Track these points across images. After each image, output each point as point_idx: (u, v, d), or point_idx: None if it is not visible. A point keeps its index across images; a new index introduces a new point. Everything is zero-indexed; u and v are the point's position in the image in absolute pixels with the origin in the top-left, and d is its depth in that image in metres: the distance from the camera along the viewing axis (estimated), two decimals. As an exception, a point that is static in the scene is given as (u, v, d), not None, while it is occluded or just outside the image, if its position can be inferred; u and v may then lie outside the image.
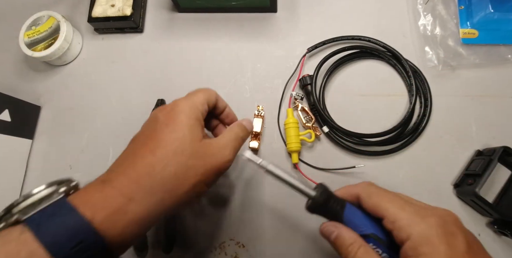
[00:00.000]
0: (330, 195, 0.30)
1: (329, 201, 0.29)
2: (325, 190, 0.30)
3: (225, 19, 0.52)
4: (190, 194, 0.28)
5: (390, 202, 0.27)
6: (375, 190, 0.29)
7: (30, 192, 0.25)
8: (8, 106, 0.47)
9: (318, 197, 0.29)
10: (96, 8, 0.52)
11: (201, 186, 0.29)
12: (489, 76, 0.45)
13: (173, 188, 0.27)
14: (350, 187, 0.31)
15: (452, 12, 0.47)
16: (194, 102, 0.32)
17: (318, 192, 0.29)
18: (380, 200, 0.28)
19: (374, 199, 0.28)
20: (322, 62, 0.47)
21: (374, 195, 0.29)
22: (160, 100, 0.49)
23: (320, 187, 0.30)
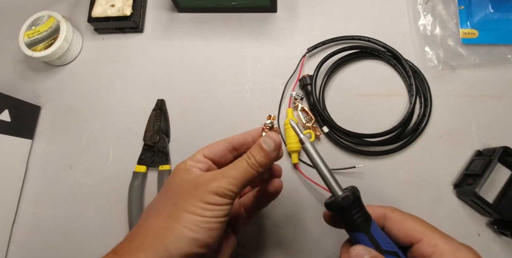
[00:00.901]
0: (359, 202, 0.28)
1: (353, 208, 0.27)
2: (355, 195, 0.28)
3: (225, 19, 0.52)
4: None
5: (426, 226, 0.27)
6: (407, 214, 0.29)
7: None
8: (8, 106, 0.47)
9: (345, 198, 0.27)
10: (96, 8, 0.52)
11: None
12: (489, 76, 0.45)
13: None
14: (374, 207, 0.30)
15: (452, 12, 0.47)
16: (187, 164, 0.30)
17: (347, 193, 0.28)
18: (415, 223, 0.28)
19: (409, 222, 0.28)
20: (322, 62, 0.47)
21: (408, 218, 0.28)
22: (160, 100, 0.49)
23: (351, 190, 0.28)
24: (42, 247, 0.46)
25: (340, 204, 0.27)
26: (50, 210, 0.48)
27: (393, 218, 0.28)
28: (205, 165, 0.31)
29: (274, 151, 0.29)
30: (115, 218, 0.46)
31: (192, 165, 0.30)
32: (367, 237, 0.27)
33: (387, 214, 0.29)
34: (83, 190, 0.48)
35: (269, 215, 0.43)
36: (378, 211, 0.29)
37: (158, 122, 0.48)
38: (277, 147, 0.29)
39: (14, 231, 0.47)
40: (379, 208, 0.29)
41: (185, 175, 0.29)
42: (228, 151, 0.32)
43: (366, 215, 0.28)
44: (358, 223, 0.27)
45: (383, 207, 0.29)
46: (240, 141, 0.32)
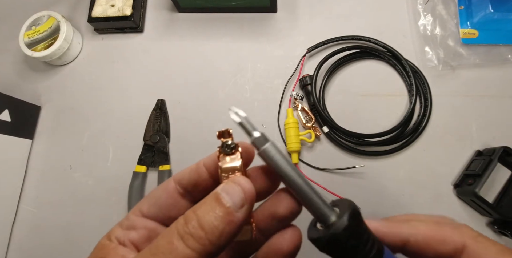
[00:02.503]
0: (362, 227, 0.18)
1: (355, 236, 0.17)
2: (355, 217, 0.18)
3: (225, 19, 0.52)
4: None
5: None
6: (490, 248, 0.17)
7: None
8: (8, 106, 0.47)
9: (341, 228, 0.17)
10: (96, 8, 0.52)
11: None
12: (489, 76, 0.45)
13: None
14: (444, 228, 0.18)
15: (452, 12, 0.47)
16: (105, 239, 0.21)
17: (342, 216, 0.17)
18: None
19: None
20: (322, 62, 0.47)
21: (491, 256, 0.17)
22: (160, 100, 0.49)
23: (348, 207, 0.18)
24: (42, 247, 0.46)
25: (338, 237, 0.17)
26: (50, 210, 0.48)
27: (479, 255, 0.17)
28: (143, 232, 0.20)
29: (241, 207, 0.17)
30: (115, 218, 0.46)
31: (117, 239, 0.20)
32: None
33: (469, 246, 0.17)
34: (83, 190, 0.48)
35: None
36: (452, 237, 0.17)
37: (158, 122, 0.48)
38: (248, 201, 0.17)
39: (14, 231, 0.47)
40: (453, 232, 0.18)
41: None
42: (179, 196, 0.20)
43: (375, 243, 0.18)
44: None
45: (461, 231, 0.18)
46: (191, 178, 0.20)
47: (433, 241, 0.17)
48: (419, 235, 0.18)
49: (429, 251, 0.17)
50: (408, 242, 0.18)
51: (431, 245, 0.17)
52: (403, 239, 0.18)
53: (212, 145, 0.47)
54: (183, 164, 0.47)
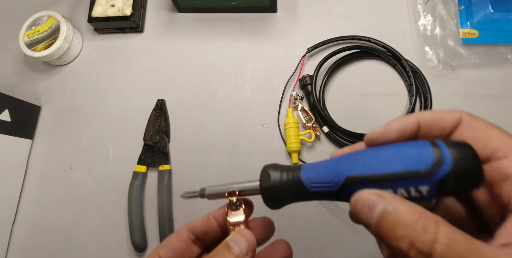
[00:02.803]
0: (275, 173, 0.22)
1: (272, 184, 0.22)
2: (274, 167, 0.22)
3: (225, 19, 0.52)
4: None
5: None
6: (490, 123, 0.20)
7: None
8: (8, 106, 0.47)
9: (268, 177, 0.22)
10: (96, 8, 0.52)
11: None
12: (489, 76, 0.45)
13: None
14: (444, 111, 0.21)
15: (452, 12, 0.47)
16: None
17: (267, 174, 0.22)
18: (502, 135, 0.19)
19: (494, 132, 0.19)
20: (322, 62, 0.47)
21: (492, 127, 0.20)
22: (160, 100, 0.49)
23: (267, 168, 0.22)
24: (42, 247, 0.46)
25: (266, 192, 0.22)
26: (50, 210, 0.48)
27: (473, 125, 0.20)
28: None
29: (246, 255, 0.21)
30: (115, 218, 0.46)
31: None
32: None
33: (465, 119, 0.20)
34: (83, 190, 0.48)
35: (268, 214, 0.43)
36: (450, 115, 0.20)
37: (158, 122, 0.48)
38: (251, 249, 0.22)
39: (14, 231, 0.47)
40: (452, 111, 0.21)
41: None
42: (192, 243, 0.25)
43: (294, 169, 0.22)
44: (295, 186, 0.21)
45: (458, 110, 0.21)
46: (202, 228, 0.25)
47: (436, 119, 0.20)
48: (426, 117, 0.20)
49: (435, 128, 0.20)
50: (419, 125, 0.20)
51: (436, 123, 0.20)
52: (415, 124, 0.20)
53: (211, 145, 0.47)
54: (183, 164, 0.47)
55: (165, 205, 0.44)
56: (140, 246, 0.43)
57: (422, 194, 0.17)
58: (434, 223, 0.15)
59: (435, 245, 0.14)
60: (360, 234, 0.41)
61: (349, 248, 0.41)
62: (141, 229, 0.44)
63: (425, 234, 0.15)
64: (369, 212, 0.17)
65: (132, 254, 0.44)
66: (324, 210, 0.42)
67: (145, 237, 0.44)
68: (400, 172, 0.17)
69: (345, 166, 0.19)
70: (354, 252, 0.41)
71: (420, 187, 0.17)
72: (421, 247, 0.14)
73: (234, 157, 0.46)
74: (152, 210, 0.45)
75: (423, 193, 0.17)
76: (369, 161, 0.19)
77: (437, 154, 0.17)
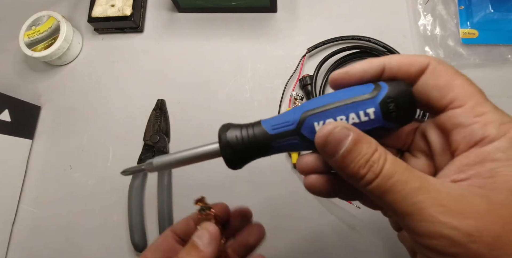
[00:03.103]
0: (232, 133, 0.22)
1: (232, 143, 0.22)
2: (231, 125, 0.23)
3: (225, 19, 0.52)
4: None
5: (477, 91, 0.20)
6: (457, 71, 0.21)
7: None
8: (8, 106, 0.47)
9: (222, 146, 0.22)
10: (96, 8, 0.52)
11: None
12: (489, 76, 0.45)
13: None
14: (413, 55, 0.21)
15: (452, 12, 0.47)
16: None
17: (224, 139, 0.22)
18: (465, 84, 0.20)
19: (458, 81, 0.20)
20: (322, 62, 0.47)
21: (458, 76, 0.20)
22: (160, 100, 0.49)
23: (222, 130, 0.23)
24: (42, 247, 0.46)
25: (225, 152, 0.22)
26: (50, 210, 0.48)
27: (439, 72, 0.20)
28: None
29: (209, 245, 0.23)
30: (115, 218, 0.46)
31: None
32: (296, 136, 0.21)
33: (432, 66, 0.20)
34: (83, 190, 0.48)
35: (268, 214, 0.43)
36: (417, 61, 0.20)
37: (158, 122, 0.48)
38: (214, 239, 0.23)
39: (14, 231, 0.47)
40: (421, 56, 0.21)
41: None
42: (176, 243, 0.27)
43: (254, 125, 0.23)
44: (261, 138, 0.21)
45: (427, 56, 0.21)
46: (183, 229, 0.27)
47: (403, 64, 0.20)
48: (392, 61, 0.21)
49: (399, 74, 0.21)
50: (384, 69, 0.21)
51: (401, 68, 0.20)
52: (380, 68, 0.21)
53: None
54: (183, 164, 0.47)
55: (165, 205, 0.44)
56: (140, 246, 0.43)
57: (369, 117, 0.19)
58: (384, 153, 0.18)
59: (384, 165, 0.17)
60: (360, 234, 0.41)
61: (349, 248, 0.41)
62: (141, 229, 0.44)
63: (379, 160, 0.18)
64: (338, 144, 0.18)
65: (132, 254, 0.44)
66: (324, 210, 0.42)
67: (145, 237, 0.44)
68: (348, 99, 0.20)
69: (302, 107, 0.21)
70: (354, 252, 0.41)
71: (367, 109, 0.19)
72: (374, 169, 0.17)
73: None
74: (152, 210, 0.45)
75: (370, 115, 0.19)
76: (323, 98, 0.21)
77: (376, 85, 0.20)
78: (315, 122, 0.20)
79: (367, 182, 0.18)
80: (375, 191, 0.17)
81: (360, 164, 0.18)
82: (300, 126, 0.20)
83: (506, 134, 0.18)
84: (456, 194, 0.16)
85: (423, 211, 0.16)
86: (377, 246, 0.40)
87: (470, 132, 0.18)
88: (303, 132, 0.20)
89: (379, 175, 0.17)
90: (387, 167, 0.17)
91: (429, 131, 0.21)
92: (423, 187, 0.17)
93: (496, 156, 0.17)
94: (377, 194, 0.17)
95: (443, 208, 0.16)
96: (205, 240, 0.23)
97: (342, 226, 0.42)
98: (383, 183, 0.17)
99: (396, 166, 0.17)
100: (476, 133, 0.18)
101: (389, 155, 0.18)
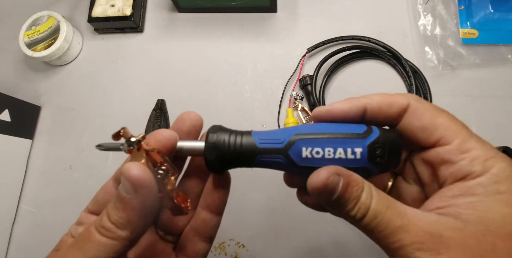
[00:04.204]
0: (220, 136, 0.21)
1: (218, 144, 0.21)
2: (221, 128, 0.22)
3: (225, 19, 0.52)
4: None
5: (461, 127, 0.20)
6: (436, 107, 0.21)
7: None
8: (8, 106, 0.47)
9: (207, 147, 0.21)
10: (96, 8, 0.52)
11: None
12: (489, 76, 0.45)
13: None
14: (391, 95, 0.22)
15: (452, 12, 0.47)
16: None
17: (211, 141, 0.21)
18: (448, 121, 0.20)
19: (441, 119, 0.20)
20: (322, 62, 0.47)
21: (439, 113, 0.21)
22: (160, 100, 0.49)
23: (211, 132, 0.22)
24: (42, 247, 0.46)
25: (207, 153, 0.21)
26: (50, 210, 0.48)
27: (420, 112, 0.21)
28: None
29: (135, 193, 0.18)
30: (115, 218, 0.46)
31: (71, 233, 0.24)
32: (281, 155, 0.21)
33: (412, 106, 0.21)
34: (83, 190, 0.48)
35: (268, 214, 0.43)
36: (397, 101, 0.21)
37: (158, 122, 0.48)
38: (139, 185, 0.18)
39: (14, 231, 0.47)
40: (400, 96, 0.21)
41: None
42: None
43: (242, 133, 0.22)
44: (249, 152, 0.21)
45: (406, 95, 0.21)
46: None
47: (383, 105, 0.21)
48: (373, 102, 0.22)
49: (381, 115, 0.21)
50: (365, 110, 0.22)
51: (382, 109, 0.21)
52: (361, 109, 0.22)
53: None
54: (183, 164, 0.47)
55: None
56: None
57: (356, 156, 0.20)
58: (370, 192, 0.19)
59: (370, 206, 0.19)
60: (360, 234, 0.41)
61: (349, 248, 0.41)
62: (141, 229, 0.44)
63: (366, 201, 0.19)
64: (330, 193, 0.19)
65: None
66: (324, 210, 0.43)
67: (145, 237, 0.44)
68: (340, 133, 0.20)
69: (294, 129, 0.21)
70: (354, 252, 0.41)
71: (355, 148, 0.20)
72: (362, 211, 0.19)
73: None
74: (152, 210, 0.45)
75: (357, 154, 0.20)
76: (315, 126, 0.21)
77: (369, 127, 0.21)
78: (303, 147, 0.20)
79: (357, 221, 0.19)
80: (364, 228, 0.19)
81: (350, 207, 0.19)
82: (288, 147, 0.21)
83: (489, 170, 0.19)
84: (433, 230, 0.18)
85: (404, 249, 0.18)
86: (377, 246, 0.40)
87: (457, 169, 0.19)
88: (289, 153, 0.20)
89: (365, 215, 0.19)
90: (373, 207, 0.19)
91: (417, 163, 0.23)
92: (404, 225, 0.18)
93: (478, 191, 0.19)
94: (366, 231, 0.19)
95: (421, 245, 0.17)
96: (127, 187, 0.18)
97: (342, 226, 0.42)
98: (369, 222, 0.19)
99: (380, 206, 0.19)
100: (463, 170, 0.19)
101: (375, 192, 0.19)
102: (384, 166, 0.21)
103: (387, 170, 0.21)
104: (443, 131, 0.20)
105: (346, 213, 0.19)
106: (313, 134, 0.21)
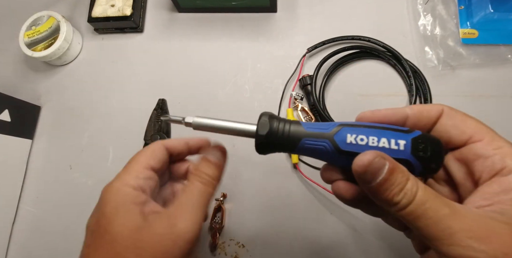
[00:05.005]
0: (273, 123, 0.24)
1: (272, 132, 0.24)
2: (271, 118, 0.24)
3: (225, 19, 0.52)
4: None
5: (489, 129, 0.23)
6: (467, 114, 0.24)
7: None
8: (8, 106, 0.47)
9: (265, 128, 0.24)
10: (96, 8, 0.52)
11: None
12: (489, 76, 0.45)
13: None
14: (426, 104, 0.25)
15: (452, 12, 0.47)
16: (126, 184, 0.26)
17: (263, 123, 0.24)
18: (478, 123, 0.23)
19: (471, 121, 0.23)
20: (322, 62, 0.47)
21: (470, 117, 0.23)
22: (162, 99, 0.49)
23: (264, 116, 0.25)
24: (42, 247, 0.46)
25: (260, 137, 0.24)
26: (50, 210, 0.48)
27: (453, 115, 0.23)
28: (151, 183, 0.27)
29: (221, 159, 0.28)
30: (115, 218, 0.46)
31: (140, 187, 0.26)
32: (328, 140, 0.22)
33: (446, 110, 0.24)
34: (83, 190, 0.48)
35: (269, 214, 0.43)
36: (433, 107, 0.24)
37: (159, 121, 0.48)
38: (224, 156, 0.28)
39: (14, 231, 0.47)
40: (435, 104, 0.25)
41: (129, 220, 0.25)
42: (168, 159, 0.29)
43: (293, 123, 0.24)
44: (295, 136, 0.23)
45: (440, 104, 0.24)
46: (178, 149, 0.30)
47: (423, 110, 0.24)
48: (414, 109, 0.24)
49: (423, 118, 0.24)
50: (408, 116, 0.24)
51: (422, 113, 0.24)
52: (403, 114, 0.24)
53: (212, 145, 0.47)
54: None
55: (165, 205, 0.44)
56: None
57: (399, 147, 0.21)
58: (415, 181, 0.20)
59: (417, 193, 0.19)
60: (361, 235, 0.41)
61: (349, 248, 0.41)
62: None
63: (412, 188, 0.19)
64: (375, 174, 0.20)
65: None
66: (324, 210, 0.43)
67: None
68: (386, 126, 0.22)
69: (341, 121, 0.23)
70: (354, 252, 0.41)
71: (399, 140, 0.21)
72: (408, 196, 0.19)
73: (234, 157, 0.46)
74: (152, 210, 0.45)
75: (400, 146, 0.21)
76: (360, 121, 0.23)
77: (411, 129, 0.22)
78: (348, 134, 0.22)
79: (401, 208, 0.19)
80: (407, 216, 0.19)
81: (395, 192, 0.19)
82: (334, 132, 0.22)
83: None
84: (482, 221, 0.18)
85: (454, 236, 0.18)
86: (378, 246, 0.40)
87: (491, 163, 0.21)
88: (335, 137, 0.22)
89: (412, 202, 0.19)
90: (420, 194, 0.19)
91: (450, 163, 0.24)
92: (453, 213, 0.18)
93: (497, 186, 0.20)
94: (409, 219, 0.19)
95: (471, 233, 0.18)
96: (219, 155, 0.28)
97: (343, 226, 0.42)
98: (416, 209, 0.19)
99: (428, 194, 0.19)
100: (497, 163, 0.21)
101: (420, 183, 0.20)
102: (426, 163, 0.21)
103: (430, 170, 0.22)
104: (474, 129, 0.22)
105: (390, 199, 0.19)
106: (358, 124, 0.22)
